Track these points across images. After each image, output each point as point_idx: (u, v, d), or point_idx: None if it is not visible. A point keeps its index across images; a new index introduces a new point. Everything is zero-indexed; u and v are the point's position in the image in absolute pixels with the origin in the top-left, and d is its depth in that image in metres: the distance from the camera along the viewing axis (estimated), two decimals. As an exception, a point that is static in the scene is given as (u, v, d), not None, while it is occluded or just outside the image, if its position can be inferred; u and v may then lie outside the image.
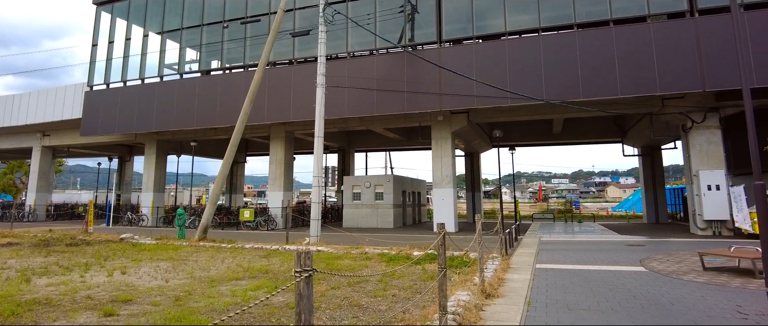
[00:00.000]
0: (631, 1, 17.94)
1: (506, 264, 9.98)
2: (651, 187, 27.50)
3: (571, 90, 17.50)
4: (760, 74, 15.57)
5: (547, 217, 31.08)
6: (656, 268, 9.50)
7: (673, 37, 16.80)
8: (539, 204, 54.60)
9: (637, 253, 12.06)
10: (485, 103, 18.49)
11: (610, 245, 14.54)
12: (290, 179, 25.37)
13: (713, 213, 17.05)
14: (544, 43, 18.21)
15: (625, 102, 18.34)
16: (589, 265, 10.16)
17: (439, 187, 20.98)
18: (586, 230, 21.55)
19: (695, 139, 18.01)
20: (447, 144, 21.20)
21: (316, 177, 15.71)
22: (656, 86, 16.65)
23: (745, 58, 15.70)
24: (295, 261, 2.90)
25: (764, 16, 16.13)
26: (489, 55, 18.93)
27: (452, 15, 20.21)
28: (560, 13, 18.55)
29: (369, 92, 19.89)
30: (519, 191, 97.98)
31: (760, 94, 16.39)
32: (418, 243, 13.83)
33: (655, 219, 26.81)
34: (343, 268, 9.77)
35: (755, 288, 7.38)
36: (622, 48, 17.14)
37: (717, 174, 17.30)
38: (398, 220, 24.09)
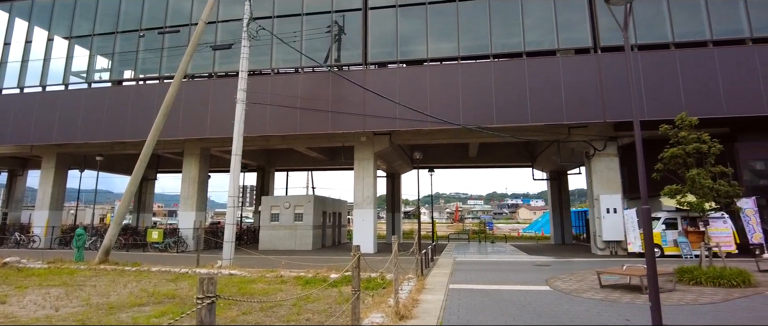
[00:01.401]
0: (542, 36, 19.30)
1: (421, 284, 10.13)
2: (558, 210, 29.36)
3: (487, 116, 18.40)
4: (651, 108, 17.29)
5: (463, 238, 32.14)
6: (560, 287, 10.08)
7: (579, 71, 18.29)
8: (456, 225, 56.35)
9: (544, 273, 12.75)
10: (407, 125, 18.92)
11: (519, 265, 15.26)
12: (204, 198, 24.26)
13: (611, 234, 18.51)
14: (463, 70, 19.06)
15: (535, 129, 19.54)
16: (499, 285, 10.58)
17: (360, 208, 21.02)
18: (498, 250, 22.50)
19: (597, 165, 19.54)
20: (369, 165, 21.36)
21: (231, 197, 15.14)
22: (563, 115, 17.96)
23: (638, 93, 17.39)
24: (198, 287, 2.75)
25: (655, 56, 18.01)
26: (412, 79, 19.47)
27: (378, 38, 20.61)
28: (478, 43, 19.56)
29: (292, 110, 19.65)
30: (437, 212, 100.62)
31: (651, 126, 18.13)
32: (336, 265, 13.69)
33: (562, 240, 28.57)
34: (256, 292, 9.42)
35: (642, 302, 8.04)
36: (534, 79, 18.36)
37: (615, 198, 18.85)
38: (317, 242, 23.74)
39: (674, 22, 18.39)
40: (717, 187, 11.34)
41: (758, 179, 19.05)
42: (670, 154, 11.87)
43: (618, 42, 18.21)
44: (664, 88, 17.64)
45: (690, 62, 17.81)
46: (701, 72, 17.64)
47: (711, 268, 10.27)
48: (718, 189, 11.34)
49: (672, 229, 17.30)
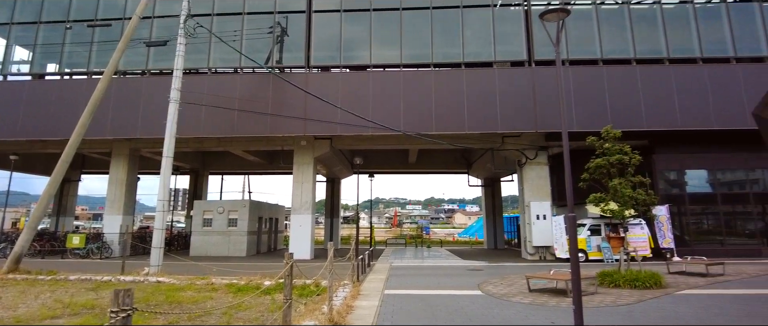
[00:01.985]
0: (481, 48, 19.90)
1: (357, 291, 10.11)
2: (491, 215, 30.34)
3: (426, 123, 18.73)
4: (580, 120, 18.27)
5: (400, 242, 32.47)
6: (491, 291, 10.40)
7: (513, 82, 19.04)
8: (394, 230, 56.82)
9: (477, 277, 13.11)
10: (348, 130, 18.90)
11: (453, 270, 15.61)
12: (132, 201, 23.01)
13: (540, 239, 19.35)
14: (405, 78, 19.32)
15: (471, 137, 20.09)
16: (433, 290, 10.76)
17: (298, 213, 20.72)
18: (434, 255, 22.90)
19: (528, 173, 20.38)
20: (309, 169, 21.12)
21: (161, 200, 14.46)
22: (498, 125, 18.63)
23: (567, 106, 18.34)
24: (113, 298, 2.59)
25: (584, 71, 19.07)
26: (355, 84, 19.50)
27: (322, 42, 20.46)
28: (420, 51, 19.87)
29: (230, 112, 19.09)
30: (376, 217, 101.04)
31: (579, 137, 19.12)
32: (271, 271, 13.39)
33: (494, 245, 29.52)
34: (184, 301, 9.03)
35: (567, 305, 8.45)
36: (472, 88, 18.91)
37: (544, 205, 19.73)
38: (252, 248, 23.14)
39: (603, 40, 19.58)
40: (636, 196, 12.16)
41: (671, 188, 20.60)
42: (596, 164, 12.61)
43: (551, 56, 19.12)
44: (592, 101, 18.72)
45: (616, 78, 19.02)
46: (625, 88, 18.88)
47: (628, 272, 10.97)
48: (637, 197, 12.16)
49: (596, 235, 18.35)
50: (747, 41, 19.61)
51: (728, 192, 20.64)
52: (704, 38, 19.58)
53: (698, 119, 18.53)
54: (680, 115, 18.52)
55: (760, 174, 20.53)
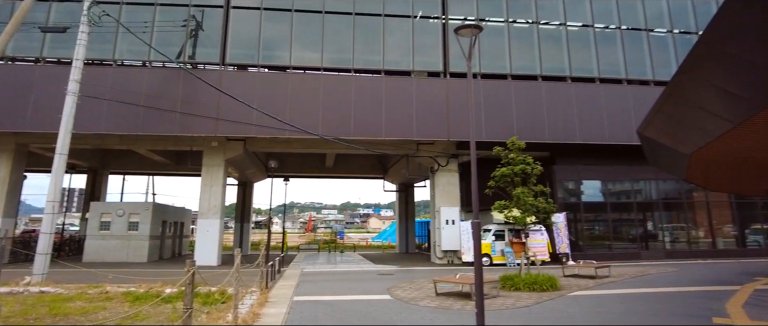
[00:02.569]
0: (401, 57, 20.26)
1: (264, 298, 9.85)
2: (404, 220, 30.97)
3: (345, 128, 18.73)
4: (489, 131, 19.17)
5: (313, 248, 32.15)
6: (400, 296, 10.59)
7: (429, 92, 19.61)
8: (308, 235, 56.20)
9: (387, 282, 13.29)
10: (264, 132, 18.39)
11: (365, 275, 15.72)
12: (15, 202, 20.73)
13: (449, 244, 20.04)
14: (325, 81, 19.19)
15: (388, 143, 20.38)
16: (343, 295, 10.76)
17: (205, 218, 19.79)
18: (346, 260, 22.94)
19: (440, 179, 21.06)
20: (219, 172, 20.27)
21: (51, 201, 13.18)
22: (414, 132, 19.07)
23: (477, 117, 19.21)
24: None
25: (495, 85, 20.07)
26: (272, 85, 19.03)
27: (239, 39, 19.75)
28: (342, 56, 19.84)
29: (135, 108, 17.83)
30: (290, 221, 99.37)
31: (487, 147, 20.12)
32: (173, 278, 12.67)
33: (406, 249, 30.14)
34: (72, 312, 8.27)
35: (471, 308, 8.81)
36: (390, 96, 19.21)
37: (453, 211, 20.48)
38: (154, 253, 21.73)
39: (513, 56, 20.72)
40: (537, 204, 13.03)
41: (569, 197, 22.28)
42: (501, 173, 13.33)
43: (465, 69, 19.90)
44: (500, 113, 19.75)
45: (523, 93, 20.22)
46: (531, 102, 20.13)
47: (528, 275, 11.68)
48: (538, 205, 13.03)
49: (500, 240, 19.35)
50: (637, 65, 21.72)
51: (616, 201, 22.73)
52: (602, 60, 21.42)
53: (594, 134, 20.20)
54: (579, 129, 20.09)
55: (643, 185, 22.84)
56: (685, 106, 6.62)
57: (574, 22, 21.72)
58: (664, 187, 22.85)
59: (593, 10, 21.92)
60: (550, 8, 21.68)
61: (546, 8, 21.65)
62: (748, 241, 23.03)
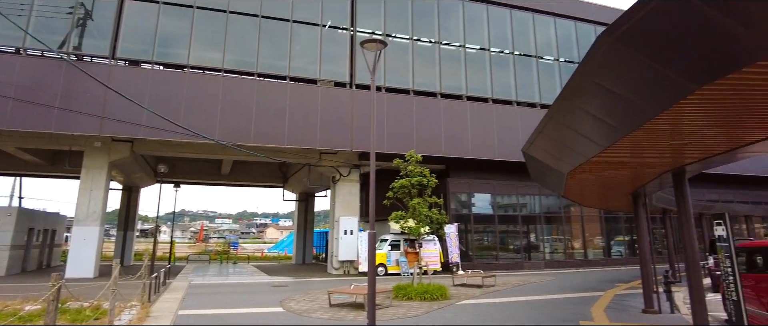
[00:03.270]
0: (308, 64, 19.99)
1: (146, 312, 9.10)
2: (302, 230, 30.49)
3: (244, 133, 18.00)
4: (390, 143, 19.51)
5: (204, 258, 30.50)
6: (293, 308, 10.36)
7: (335, 101, 19.56)
8: (199, 245, 53.18)
9: (280, 294, 12.95)
10: (154, 134, 17.03)
11: (258, 287, 15.18)
12: None
13: (346, 254, 20.06)
14: (225, 84, 18.33)
15: (290, 151, 19.98)
16: (233, 309, 10.29)
17: (82, 225, 17.89)
18: (239, 272, 22.06)
19: (341, 189, 21.06)
20: (101, 175, 18.47)
21: None
22: (317, 141, 18.87)
23: (380, 129, 19.50)
24: None
25: (398, 99, 20.53)
26: (167, 84, 17.77)
27: (133, 33, 18.24)
28: (245, 59, 19.12)
29: (3, 99, 15.69)
30: (180, 230, 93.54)
31: (387, 159, 20.53)
32: (37, 293, 11.29)
33: (303, 260, 29.64)
34: None
35: (363, 319, 8.85)
36: (294, 103, 18.83)
37: (352, 221, 20.57)
38: (16, 265, 19.18)
39: (416, 73, 21.38)
40: (431, 215, 13.50)
41: (462, 209, 23.41)
42: (399, 184, 13.64)
43: (368, 81, 20.12)
44: (402, 126, 20.24)
45: (423, 108, 20.93)
46: (430, 117, 20.89)
47: (420, 285, 12.02)
48: (432, 216, 13.51)
49: (396, 250, 19.76)
50: (526, 89, 23.52)
51: (504, 213, 24.33)
52: (495, 82, 22.87)
53: (486, 150, 21.47)
54: (472, 145, 21.22)
55: (528, 200, 24.67)
56: (563, 129, 7.24)
57: (473, 45, 23.02)
58: (546, 202, 24.85)
59: (490, 34, 23.39)
60: (451, 30, 22.80)
61: (448, 29, 22.73)
62: (612, 251, 25.81)
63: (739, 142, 6.03)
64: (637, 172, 8.63)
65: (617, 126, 5.62)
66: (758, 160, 25.36)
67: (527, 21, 24.42)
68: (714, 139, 5.94)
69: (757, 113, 4.78)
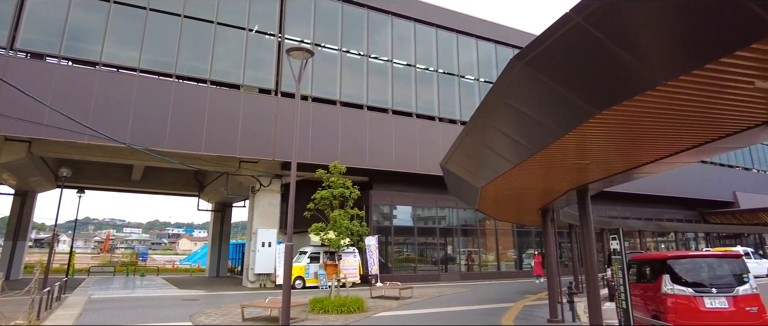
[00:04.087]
0: (231, 68, 19.28)
1: (32, 330, 8.25)
2: (217, 242, 29.26)
3: (158, 138, 16.96)
4: (315, 153, 19.25)
5: (108, 270, 28.33)
6: (203, 322, 9.86)
7: (258, 108, 18.99)
8: (104, 256, 49.29)
9: (190, 308, 12.28)
10: (57, 134, 15.50)
11: (166, 301, 14.32)
12: None
13: (263, 267, 19.44)
14: (140, 84, 17.19)
15: (207, 159, 19.12)
16: (137, 324, 9.60)
17: (-39, 231, 15.96)
18: (147, 284, 20.75)
19: (260, 200, 20.47)
20: (-12, 177, 16.62)
21: None
22: (237, 148, 18.19)
23: (305, 139, 19.21)
24: None
25: (325, 109, 20.35)
26: (75, 81, 16.31)
27: (38, 23, 16.62)
28: (163, 59, 18.05)
29: None
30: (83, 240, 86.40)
31: (312, 169, 20.21)
32: None
33: (217, 273, 28.40)
34: None
35: (277, 334, 8.60)
36: (215, 108, 18.03)
37: (271, 233, 20.02)
38: None
39: (344, 84, 21.37)
40: (352, 227, 13.45)
41: (383, 220, 23.59)
42: (321, 195, 13.48)
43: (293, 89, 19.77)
44: (327, 137, 20.06)
45: (350, 119, 20.91)
46: (356, 129, 20.91)
47: (337, 298, 11.91)
48: (352, 228, 13.46)
49: (315, 263, 19.48)
50: (448, 106, 24.29)
51: (424, 226, 24.84)
52: (420, 97, 23.43)
53: (408, 163, 21.84)
54: (395, 158, 21.51)
55: (447, 212, 25.38)
56: (478, 145, 7.54)
57: (400, 60, 23.48)
58: (464, 215, 25.70)
59: (417, 51, 23.98)
60: (380, 44, 23.12)
61: (377, 43, 23.02)
62: (524, 264, 27.15)
63: (635, 162, 6.57)
64: (546, 189, 9.15)
65: (527, 144, 5.94)
66: (651, 180, 27.98)
67: (451, 41, 25.35)
68: (613, 159, 6.43)
69: (649, 137, 5.23)
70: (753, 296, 7.10)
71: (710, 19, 2.77)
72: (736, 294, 7.08)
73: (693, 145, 5.34)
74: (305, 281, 18.96)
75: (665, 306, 7.31)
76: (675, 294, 7.26)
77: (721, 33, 2.79)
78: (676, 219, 34.27)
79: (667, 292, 7.34)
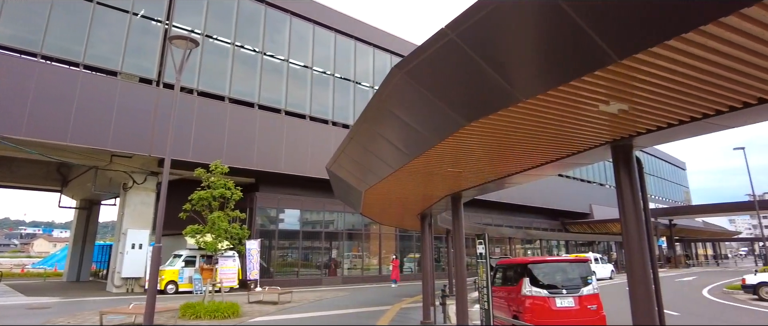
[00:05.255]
0: (110, 52, 17.45)
1: None
2: (80, 243, 26.39)
3: (14, 124, 14.83)
4: (197, 150, 18.14)
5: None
6: (50, 332, 8.80)
7: (136, 99, 17.39)
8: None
9: (39, 318, 10.89)
10: None
11: (6, 311, 12.47)
12: None
13: (131, 270, 17.89)
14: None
15: (74, 150, 17.10)
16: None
17: None
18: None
19: (132, 198, 18.85)
20: None
21: None
22: (109, 141, 16.51)
23: (187, 135, 18.07)
24: None
25: (212, 105, 19.30)
26: None
27: None
28: (25, 36, 15.81)
29: None
30: None
31: (193, 167, 19.01)
32: None
33: (77, 277, 25.58)
34: None
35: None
36: (86, 95, 16.18)
37: (143, 234, 18.52)
38: None
39: (234, 79, 20.43)
40: (231, 230, 12.91)
41: (269, 224, 22.95)
42: (199, 196, 12.76)
43: (184, 83, 18.56)
44: (213, 134, 19.03)
45: (238, 117, 20.07)
46: (245, 127, 20.14)
47: (211, 303, 11.34)
48: (231, 231, 12.92)
49: (190, 266, 18.36)
50: (342, 110, 24.35)
51: (310, 230, 24.61)
52: (314, 100, 23.21)
53: (299, 166, 21.51)
54: (285, 160, 21.06)
55: (335, 216, 25.42)
56: (361, 150, 7.65)
57: (297, 61, 23.09)
58: (351, 219, 25.87)
59: (314, 54, 23.78)
60: (278, 42, 22.55)
61: (275, 41, 22.42)
62: (404, 268, 27.99)
63: (503, 172, 7.05)
64: (425, 194, 9.53)
65: (405, 151, 6.15)
66: (522, 191, 30.54)
67: (350, 47, 25.56)
68: (484, 168, 6.86)
69: (515, 149, 5.65)
70: (594, 295, 8.03)
71: (562, 45, 3.06)
72: (581, 294, 7.95)
73: (553, 159, 5.86)
74: (178, 286, 17.79)
75: (524, 306, 7.98)
76: (532, 295, 7.96)
77: (571, 58, 3.10)
78: (542, 227, 37.75)
79: (526, 294, 8.02)
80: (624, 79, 3.08)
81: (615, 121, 4.03)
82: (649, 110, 3.69)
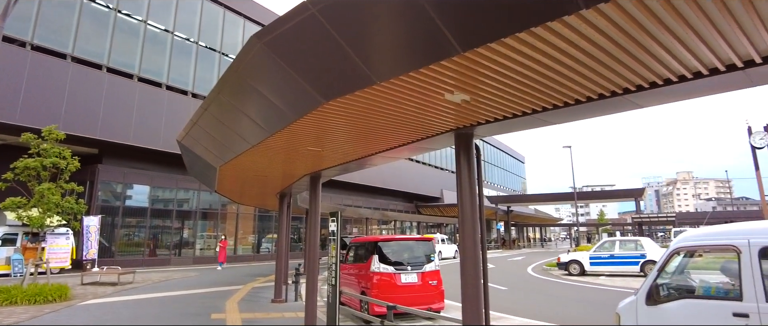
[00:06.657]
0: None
1: None
2: None
3: None
4: (28, 114, 15.59)
5: None
6: None
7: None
8: None
9: None
10: None
11: None
12: None
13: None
14: None
15: None
16: None
17: None
18: None
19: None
20: None
21: None
22: None
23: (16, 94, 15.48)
24: None
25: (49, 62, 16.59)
26: None
27: None
28: None
29: None
30: None
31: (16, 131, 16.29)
32: None
33: None
34: None
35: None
36: None
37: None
38: None
39: (79, 36, 17.88)
40: (64, 204, 11.43)
41: (114, 200, 20.76)
42: (25, 164, 11.11)
43: (14, 33, 15.83)
44: (49, 96, 16.54)
45: (82, 80, 17.68)
46: (89, 91, 17.81)
47: (31, 286, 9.98)
48: (64, 206, 11.44)
49: (11, 245, 15.89)
50: (205, 82, 22.61)
51: (161, 208, 22.81)
52: (173, 68, 21.34)
53: (151, 138, 19.73)
54: (135, 131, 19.13)
55: (190, 194, 23.87)
56: (216, 122, 7.28)
57: (156, 23, 20.99)
58: (208, 198, 24.52)
59: (177, 18, 21.83)
60: (135, 0, 20.22)
61: (132, -1, 20.06)
62: (262, 248, 27.49)
63: (363, 153, 7.23)
64: (285, 173, 9.39)
65: (264, 126, 5.99)
66: (380, 174, 31.76)
67: (218, 15, 23.99)
68: (345, 148, 6.96)
69: (375, 130, 5.80)
70: (435, 272, 8.70)
71: (415, 32, 3.22)
72: (424, 271, 8.57)
73: (407, 141, 6.14)
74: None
75: (371, 282, 8.35)
76: (380, 272, 8.37)
77: (422, 46, 3.28)
78: (397, 209, 39.71)
79: (374, 271, 8.40)
80: (467, 72, 3.34)
81: (459, 110, 4.36)
82: (489, 102, 4.05)
